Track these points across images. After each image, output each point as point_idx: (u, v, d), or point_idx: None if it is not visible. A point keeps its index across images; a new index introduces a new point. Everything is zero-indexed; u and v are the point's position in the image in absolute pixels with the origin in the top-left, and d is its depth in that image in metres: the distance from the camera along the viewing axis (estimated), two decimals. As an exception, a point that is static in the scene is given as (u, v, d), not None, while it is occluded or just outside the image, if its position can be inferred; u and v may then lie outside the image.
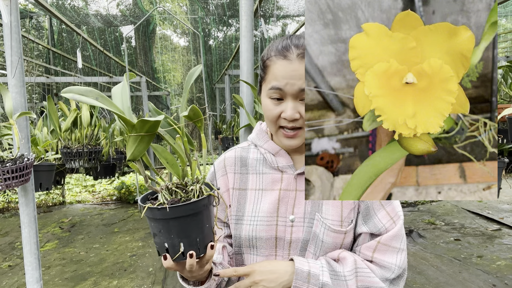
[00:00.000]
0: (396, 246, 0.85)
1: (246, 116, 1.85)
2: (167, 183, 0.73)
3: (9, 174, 1.54)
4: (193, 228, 0.69)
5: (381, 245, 0.85)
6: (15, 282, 3.49)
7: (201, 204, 0.69)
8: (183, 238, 0.69)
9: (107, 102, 0.66)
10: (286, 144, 0.86)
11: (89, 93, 0.66)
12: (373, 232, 0.87)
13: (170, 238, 0.69)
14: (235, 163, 0.99)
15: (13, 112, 1.63)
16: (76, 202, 6.69)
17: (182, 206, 0.67)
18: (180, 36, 11.41)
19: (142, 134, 0.65)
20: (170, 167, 0.74)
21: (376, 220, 0.87)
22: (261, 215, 0.91)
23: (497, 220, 4.95)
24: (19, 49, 1.64)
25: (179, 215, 0.67)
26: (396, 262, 0.85)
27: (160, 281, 3.45)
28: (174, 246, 0.70)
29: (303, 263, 0.82)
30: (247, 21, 1.75)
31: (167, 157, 0.74)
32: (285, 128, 0.84)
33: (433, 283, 3.28)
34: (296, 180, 0.90)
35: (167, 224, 0.68)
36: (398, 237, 0.86)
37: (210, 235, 0.73)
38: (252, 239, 0.91)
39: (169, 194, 0.72)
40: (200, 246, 0.71)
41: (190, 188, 0.72)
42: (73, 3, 5.64)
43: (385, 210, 0.87)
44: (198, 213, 0.69)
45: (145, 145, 0.67)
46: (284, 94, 0.82)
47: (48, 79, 5.01)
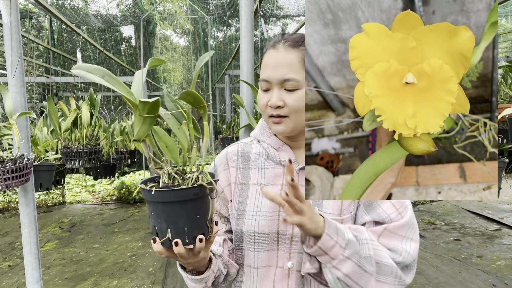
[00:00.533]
0: (403, 234, 0.82)
1: (246, 116, 1.85)
2: (168, 168, 0.73)
3: (9, 174, 1.54)
4: (180, 216, 0.68)
5: (387, 231, 0.82)
6: (15, 282, 3.49)
7: (190, 192, 0.67)
8: (170, 224, 0.68)
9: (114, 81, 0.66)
10: (275, 130, 0.88)
11: (96, 71, 0.66)
12: (377, 220, 0.84)
13: (158, 222, 0.69)
14: (238, 157, 0.99)
15: (13, 112, 1.63)
16: (76, 202, 6.69)
17: (169, 191, 0.67)
18: (180, 36, 11.41)
19: (145, 116, 0.66)
20: (169, 152, 0.73)
21: (380, 210, 0.84)
22: (263, 210, 0.90)
23: (497, 220, 4.95)
24: (19, 49, 1.64)
25: (166, 200, 0.67)
26: (403, 245, 0.81)
27: (160, 281, 3.45)
28: (162, 230, 0.69)
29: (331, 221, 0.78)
30: (247, 21, 1.75)
31: (167, 142, 0.73)
32: (271, 117, 0.87)
33: (433, 283, 3.28)
34: (298, 175, 0.90)
35: (156, 208, 0.68)
36: (406, 226, 0.82)
37: (203, 227, 0.71)
38: (254, 234, 0.90)
39: (168, 179, 0.72)
40: (188, 236, 0.69)
41: (188, 176, 0.72)
42: (73, 3, 5.64)
43: (390, 202, 0.85)
44: (188, 201, 0.68)
45: (148, 126, 0.68)
46: (270, 84, 0.86)
47: (48, 79, 5.00)
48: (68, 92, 6.66)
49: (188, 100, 0.71)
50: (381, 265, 0.77)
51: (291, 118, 0.85)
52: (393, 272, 0.78)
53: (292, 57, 0.83)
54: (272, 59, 0.85)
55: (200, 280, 0.84)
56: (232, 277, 0.95)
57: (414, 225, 0.84)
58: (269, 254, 0.90)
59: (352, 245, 0.75)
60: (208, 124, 0.75)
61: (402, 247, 0.81)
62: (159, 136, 0.73)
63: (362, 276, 0.75)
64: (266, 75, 0.86)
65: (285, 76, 0.83)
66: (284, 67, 0.83)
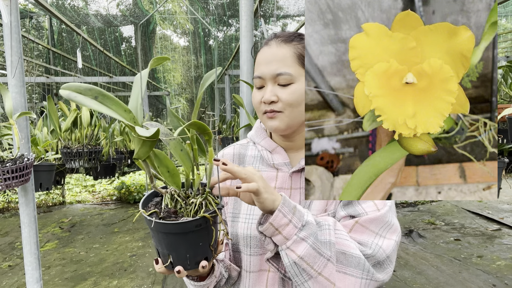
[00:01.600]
0: (375, 230, 0.77)
1: (246, 116, 1.85)
2: (171, 189, 0.70)
3: (9, 174, 1.54)
4: (181, 245, 0.66)
5: (358, 225, 0.77)
6: (15, 282, 3.49)
7: (192, 224, 0.64)
8: (172, 251, 0.67)
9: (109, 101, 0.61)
10: (269, 126, 0.86)
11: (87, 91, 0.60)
12: (352, 215, 0.80)
13: (160, 246, 0.68)
14: (233, 160, 0.99)
15: (13, 112, 1.63)
16: (76, 202, 6.69)
17: (170, 224, 0.64)
18: (180, 36, 11.41)
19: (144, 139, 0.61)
20: (170, 177, 0.68)
21: (358, 208, 0.80)
22: (256, 213, 0.90)
23: (497, 220, 4.95)
24: (19, 49, 1.64)
25: (167, 231, 0.65)
26: (374, 240, 0.76)
27: (160, 281, 3.45)
28: (164, 255, 0.68)
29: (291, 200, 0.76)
30: (247, 21, 1.75)
31: (168, 166, 0.68)
32: (266, 112, 0.85)
33: (433, 283, 3.28)
34: (291, 178, 0.90)
35: (157, 235, 0.66)
36: (379, 222, 0.77)
37: (206, 251, 0.69)
38: (247, 238, 0.90)
39: (170, 200, 0.69)
40: (190, 262, 0.68)
41: (191, 201, 0.68)
42: (73, 3, 5.64)
43: (372, 201, 0.80)
44: (189, 232, 0.65)
45: (148, 148, 0.64)
46: (264, 81, 0.85)
47: (48, 79, 5.01)
48: (68, 92, 6.64)
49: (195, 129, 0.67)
50: (347, 256, 0.73)
51: (286, 113, 0.83)
52: (360, 264, 0.73)
53: (284, 52, 0.83)
54: (264, 55, 0.85)
55: (202, 286, 0.84)
56: (233, 280, 0.95)
57: (390, 223, 0.79)
58: (261, 258, 0.89)
59: (310, 227, 0.72)
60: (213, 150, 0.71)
61: (373, 241, 0.76)
62: (160, 160, 0.68)
63: (317, 260, 0.70)
64: (259, 71, 0.86)
65: (278, 70, 0.82)
66: (277, 62, 0.83)
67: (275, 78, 0.83)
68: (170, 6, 8.57)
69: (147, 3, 6.82)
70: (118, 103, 0.62)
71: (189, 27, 8.62)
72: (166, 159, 0.68)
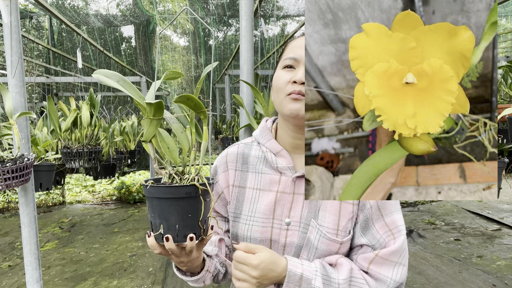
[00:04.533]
0: (394, 260, 0.82)
1: (246, 116, 1.85)
2: (170, 168, 0.77)
3: (9, 174, 1.54)
4: (172, 212, 0.71)
5: (379, 258, 0.82)
6: (15, 282, 3.49)
7: (181, 191, 0.71)
8: (163, 220, 0.72)
9: (127, 85, 0.74)
10: (291, 108, 0.83)
11: (112, 76, 0.74)
12: (372, 244, 0.85)
13: (152, 217, 0.74)
14: (237, 159, 0.98)
15: (13, 112, 1.63)
16: (76, 202, 6.69)
17: (162, 187, 0.71)
18: (180, 36, 11.41)
19: (151, 118, 0.72)
20: (169, 152, 0.79)
21: (374, 231, 0.84)
22: (257, 216, 0.90)
23: (497, 220, 4.95)
24: (19, 49, 1.64)
25: (160, 196, 0.71)
26: (392, 276, 0.82)
27: (160, 281, 3.45)
28: (156, 226, 0.73)
29: (297, 265, 0.80)
30: (247, 21, 1.75)
31: (169, 143, 0.79)
32: (292, 93, 0.83)
33: (433, 283, 3.28)
34: (295, 183, 0.89)
35: (151, 203, 0.73)
36: (398, 252, 0.83)
37: (194, 226, 0.73)
38: (246, 239, 0.90)
39: (168, 178, 0.76)
40: (179, 233, 0.72)
41: (185, 177, 0.75)
42: (73, 3, 5.64)
43: (383, 221, 0.84)
44: (179, 199, 0.71)
45: (154, 128, 0.74)
46: (297, 63, 0.85)
47: (48, 79, 5.00)
48: (68, 92, 6.66)
49: (188, 104, 0.74)
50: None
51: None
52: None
53: None
54: (302, 41, 0.85)
55: (196, 280, 0.86)
56: (231, 275, 0.95)
57: (406, 249, 0.85)
58: None
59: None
60: (207, 129, 0.79)
61: (391, 277, 0.82)
62: (162, 137, 0.79)
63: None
64: (295, 53, 0.85)
65: None
66: None
67: None
68: (170, 6, 8.57)
69: (147, 3, 6.82)
70: (134, 89, 0.75)
71: (189, 27, 8.62)
72: (168, 137, 0.80)
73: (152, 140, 0.76)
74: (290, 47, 0.89)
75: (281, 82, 0.86)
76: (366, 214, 0.86)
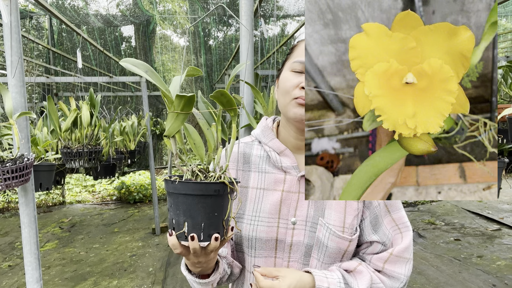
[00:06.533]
0: (407, 256, 0.87)
1: (246, 116, 1.85)
2: (193, 165, 0.75)
3: (9, 174, 1.54)
4: (199, 210, 0.68)
5: (393, 256, 0.86)
6: (15, 282, 3.49)
7: (211, 188, 0.68)
8: (188, 217, 0.69)
9: (155, 77, 0.73)
10: (297, 113, 0.84)
11: (141, 66, 0.74)
12: (383, 241, 0.88)
13: (176, 214, 0.70)
14: (238, 159, 0.97)
15: (13, 112, 1.63)
16: (76, 202, 6.69)
17: (191, 183, 0.69)
18: (180, 36, 11.41)
19: (178, 112, 0.70)
20: (196, 148, 0.77)
21: (383, 227, 0.88)
22: (262, 216, 0.89)
23: (497, 220, 4.95)
24: (19, 49, 1.64)
25: (188, 192, 0.68)
26: (405, 272, 0.87)
27: (160, 281, 3.45)
28: (179, 224, 0.70)
29: (322, 279, 0.81)
30: (247, 21, 1.75)
31: (195, 139, 0.77)
32: (300, 98, 0.83)
33: (433, 283, 3.28)
34: (300, 182, 0.89)
35: (176, 199, 0.70)
36: (409, 248, 0.88)
37: (219, 226, 0.71)
38: (251, 239, 0.89)
39: (191, 175, 0.74)
40: (203, 232, 0.69)
41: (210, 174, 0.73)
42: (73, 3, 5.64)
43: (391, 217, 0.88)
44: (207, 196, 0.68)
45: (180, 122, 0.71)
46: None
47: (48, 79, 5.00)
48: (68, 92, 6.66)
49: (221, 100, 0.72)
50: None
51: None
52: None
53: None
54: None
55: (207, 283, 0.83)
56: (235, 277, 0.95)
57: (412, 244, 0.90)
58: (266, 260, 0.89)
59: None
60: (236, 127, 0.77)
61: (404, 273, 0.86)
62: (189, 133, 0.77)
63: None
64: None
65: None
66: None
67: None
68: (170, 6, 8.56)
69: (147, 3, 6.82)
70: (161, 81, 0.73)
71: (188, 26, 8.60)
72: (195, 133, 0.78)
73: (175, 135, 0.73)
74: (301, 48, 0.87)
75: (289, 85, 0.85)
76: (374, 211, 0.88)
